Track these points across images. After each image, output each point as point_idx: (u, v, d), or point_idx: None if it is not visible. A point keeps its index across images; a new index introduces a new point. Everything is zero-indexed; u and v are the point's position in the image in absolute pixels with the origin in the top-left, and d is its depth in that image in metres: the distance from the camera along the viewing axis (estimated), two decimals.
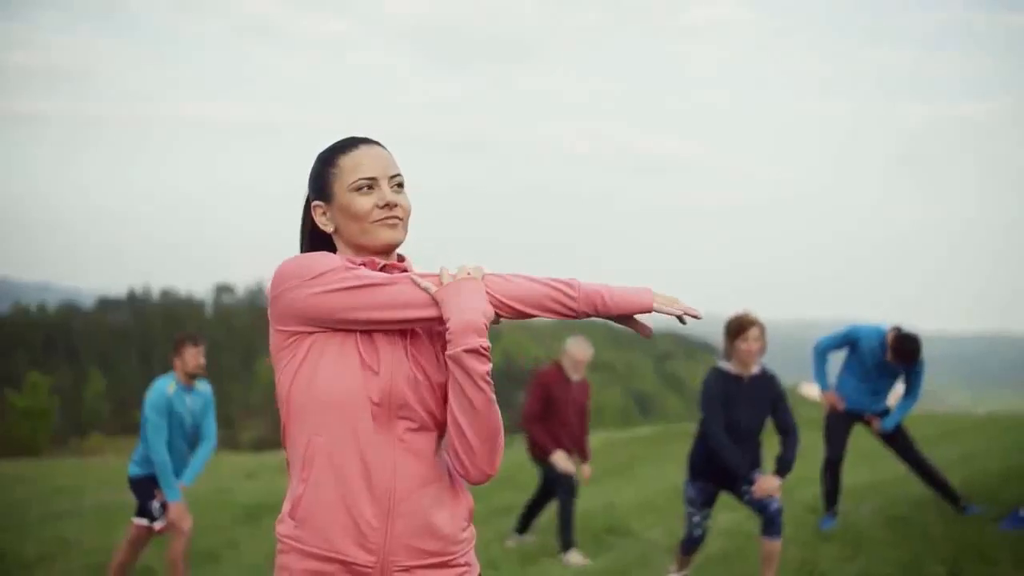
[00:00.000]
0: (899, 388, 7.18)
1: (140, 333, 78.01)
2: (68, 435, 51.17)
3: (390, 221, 2.16)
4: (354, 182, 2.15)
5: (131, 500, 6.53)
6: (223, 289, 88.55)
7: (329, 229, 2.21)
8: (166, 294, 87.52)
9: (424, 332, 2.17)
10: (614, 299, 2.14)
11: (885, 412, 7.10)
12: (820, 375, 7.18)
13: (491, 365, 2.08)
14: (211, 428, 6.52)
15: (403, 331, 2.13)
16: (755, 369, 5.46)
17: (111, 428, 56.59)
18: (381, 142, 2.23)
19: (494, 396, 2.08)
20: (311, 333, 2.10)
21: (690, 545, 5.74)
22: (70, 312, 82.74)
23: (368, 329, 2.09)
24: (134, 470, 6.43)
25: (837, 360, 7.22)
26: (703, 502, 5.60)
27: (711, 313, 2.06)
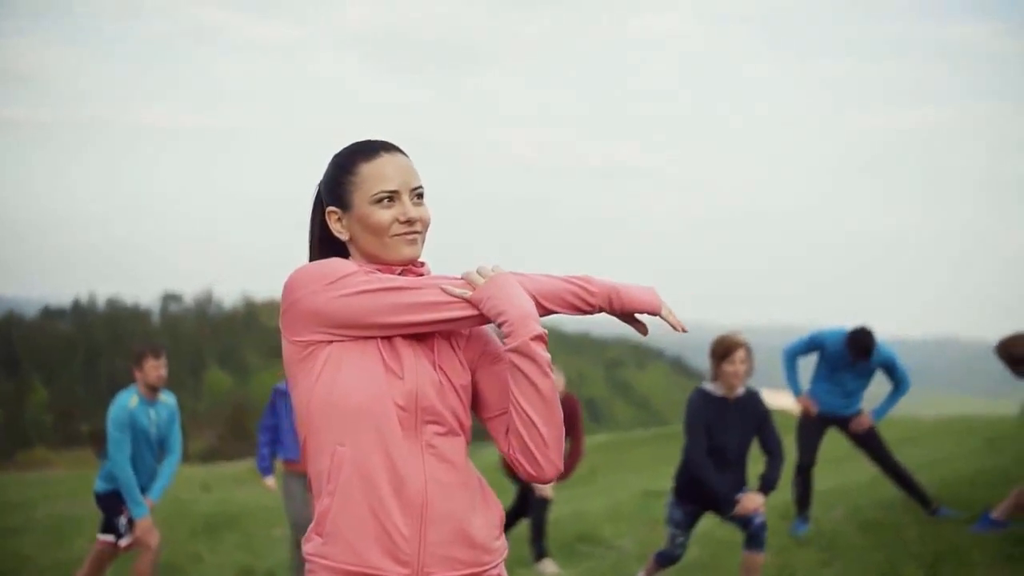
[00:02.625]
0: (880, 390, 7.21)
1: (85, 343, 76.71)
2: (12, 448, 50.14)
3: (410, 236, 2.08)
4: (375, 194, 2.07)
5: (82, 514, 6.38)
6: (170, 298, 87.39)
7: (344, 237, 2.13)
8: (112, 303, 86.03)
9: (444, 336, 2.10)
10: (626, 297, 2.13)
11: (858, 414, 7.11)
12: (792, 380, 7.19)
13: None
14: (176, 441, 6.37)
15: (424, 335, 2.06)
16: (740, 390, 5.41)
17: (55, 440, 55.57)
18: (402, 148, 2.15)
19: None
20: (329, 342, 2.01)
21: (668, 561, 5.67)
22: (11, 322, 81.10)
23: (396, 333, 2.01)
24: (100, 486, 6.26)
25: (808, 365, 7.24)
26: (688, 524, 5.55)
27: (658, 319, 2.05)
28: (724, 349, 5.27)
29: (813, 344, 7.12)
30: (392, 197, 2.07)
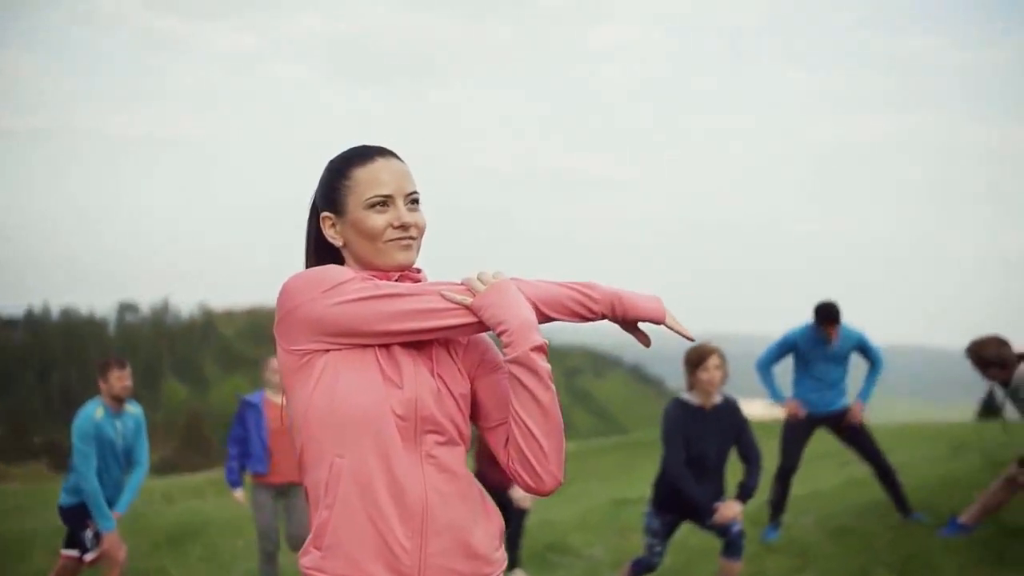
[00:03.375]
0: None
1: (38, 353, 75.65)
2: None
3: (404, 242, 2.04)
4: (369, 198, 2.03)
5: (38, 528, 6.26)
6: (126, 308, 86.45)
7: (338, 243, 2.09)
8: (66, 313, 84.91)
9: (442, 343, 2.07)
10: (629, 304, 2.08)
11: (846, 410, 7.13)
12: (772, 389, 7.21)
13: None
14: (143, 452, 6.27)
15: (423, 343, 2.03)
16: (717, 398, 5.41)
17: (8, 454, 54.64)
18: (397, 153, 2.11)
19: None
20: (327, 351, 1.96)
21: (644, 569, 5.65)
22: None
23: (395, 341, 1.98)
24: (65, 499, 6.13)
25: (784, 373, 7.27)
26: (666, 533, 5.54)
27: (618, 328, 2.00)
28: (698, 357, 5.27)
29: (784, 347, 7.14)
30: (386, 202, 2.03)
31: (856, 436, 7.14)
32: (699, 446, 5.32)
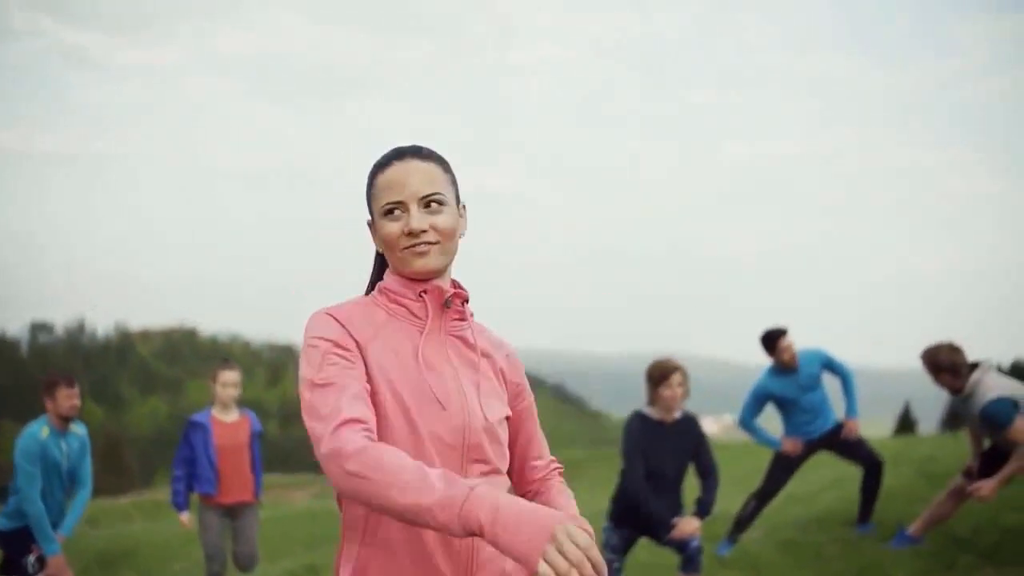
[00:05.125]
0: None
1: None
2: None
3: (418, 248, 1.92)
4: (383, 206, 1.93)
5: None
6: (39, 327, 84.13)
7: (381, 249, 2.01)
8: None
9: (491, 367, 2.02)
10: (502, 536, 1.54)
11: (838, 427, 7.16)
12: (764, 439, 7.20)
13: None
14: (87, 473, 6.10)
15: (469, 360, 1.97)
16: (677, 414, 5.45)
17: None
18: (426, 150, 1.99)
19: None
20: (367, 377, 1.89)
21: None
22: None
23: None
24: (4, 523, 5.92)
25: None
26: (625, 549, 5.54)
27: (539, 348, 1.89)
28: (660, 373, 5.31)
29: (758, 399, 7.12)
30: (397, 208, 1.93)
31: (856, 449, 7.17)
32: (658, 461, 5.35)
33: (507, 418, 2.03)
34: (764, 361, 7.19)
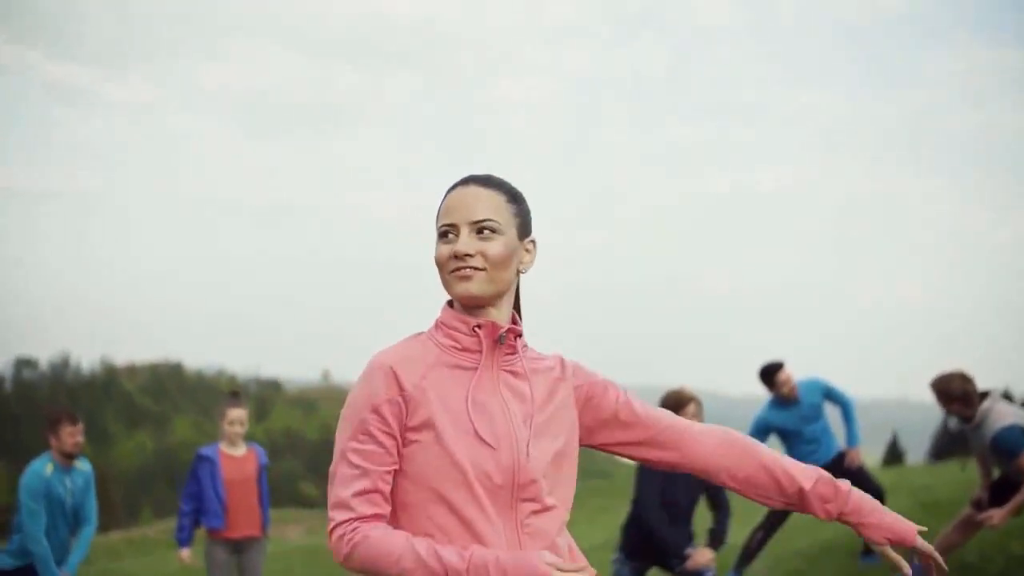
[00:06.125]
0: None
1: None
2: None
3: (462, 272, 1.91)
4: (439, 227, 1.95)
5: None
6: (23, 363, 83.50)
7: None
8: None
9: (544, 390, 1.99)
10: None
11: (841, 456, 7.15)
12: None
13: None
14: (92, 510, 6.05)
15: (523, 398, 1.94)
16: None
17: None
18: (496, 179, 2.01)
19: None
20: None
21: None
22: None
23: None
24: (6, 562, 5.85)
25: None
26: None
27: None
28: (675, 403, 5.30)
29: (759, 430, 7.14)
30: (450, 231, 1.93)
31: (858, 479, 7.16)
32: (671, 491, 5.33)
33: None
34: (751, 392, 7.22)
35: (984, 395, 5.86)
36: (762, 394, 7.26)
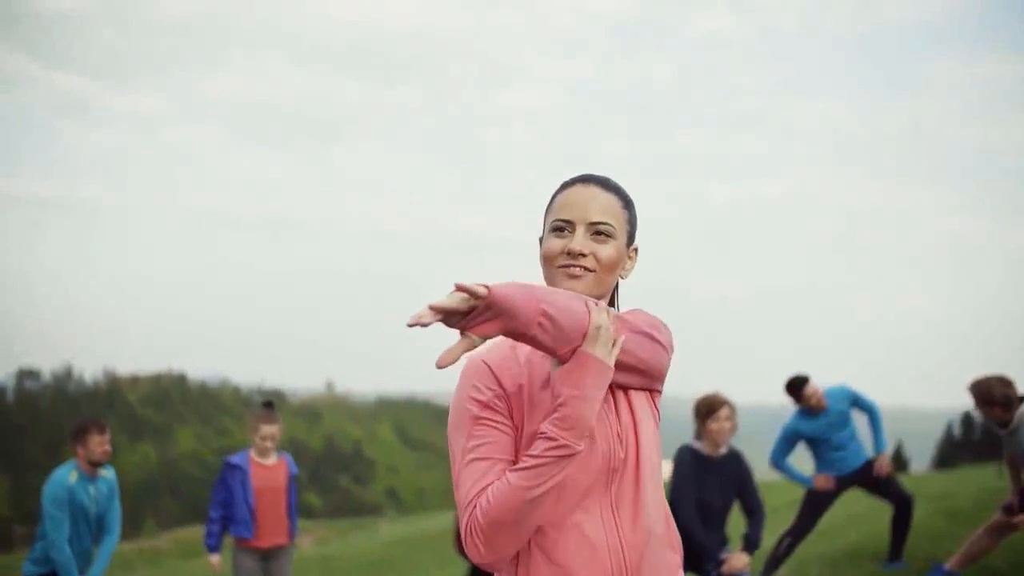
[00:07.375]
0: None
1: None
2: None
3: (573, 270, 1.92)
4: (552, 221, 1.96)
5: None
6: (26, 374, 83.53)
7: (541, 266, 2.01)
8: None
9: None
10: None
11: (868, 463, 7.15)
12: (796, 476, 7.25)
13: None
14: (116, 519, 6.03)
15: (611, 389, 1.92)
16: (724, 449, 5.44)
17: None
18: (613, 182, 2.02)
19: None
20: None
21: None
22: None
23: None
24: (31, 569, 5.83)
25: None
26: None
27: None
28: (708, 407, 5.33)
29: (788, 439, 7.16)
30: (565, 227, 1.94)
31: (886, 486, 7.16)
32: (705, 495, 5.33)
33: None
34: (759, 400, 7.22)
35: (1022, 399, 5.83)
36: (770, 402, 7.27)
